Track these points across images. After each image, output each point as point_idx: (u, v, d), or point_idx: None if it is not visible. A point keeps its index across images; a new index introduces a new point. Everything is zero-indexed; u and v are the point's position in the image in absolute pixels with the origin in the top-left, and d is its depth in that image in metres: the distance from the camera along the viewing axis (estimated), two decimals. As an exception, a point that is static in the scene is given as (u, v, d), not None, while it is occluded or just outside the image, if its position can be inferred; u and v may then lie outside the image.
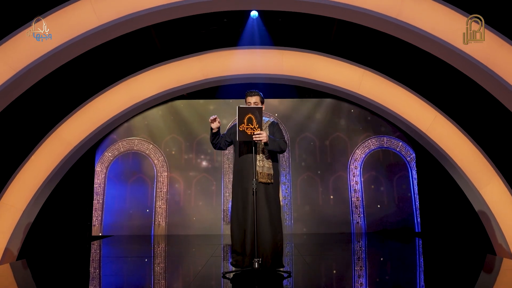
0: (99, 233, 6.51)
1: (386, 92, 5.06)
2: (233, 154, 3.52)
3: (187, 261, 4.26)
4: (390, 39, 4.32)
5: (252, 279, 2.87)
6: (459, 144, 4.91)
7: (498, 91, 3.89)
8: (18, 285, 3.31)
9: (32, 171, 4.75)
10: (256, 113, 2.94)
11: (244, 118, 2.92)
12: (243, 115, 2.92)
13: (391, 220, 6.67)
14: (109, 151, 6.69)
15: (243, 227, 3.15)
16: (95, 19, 3.82)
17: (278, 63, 5.07)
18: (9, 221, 4.69)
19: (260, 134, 2.95)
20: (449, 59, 3.97)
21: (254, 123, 2.92)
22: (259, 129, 2.95)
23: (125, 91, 5.02)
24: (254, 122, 2.92)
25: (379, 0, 3.84)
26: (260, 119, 2.95)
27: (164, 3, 3.81)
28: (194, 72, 5.06)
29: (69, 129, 4.86)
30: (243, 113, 2.93)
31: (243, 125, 2.92)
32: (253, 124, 2.92)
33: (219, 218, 6.61)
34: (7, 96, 3.82)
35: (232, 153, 3.39)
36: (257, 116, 2.93)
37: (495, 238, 4.83)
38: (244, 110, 2.94)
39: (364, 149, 6.85)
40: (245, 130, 2.93)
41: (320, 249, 4.95)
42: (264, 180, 3.12)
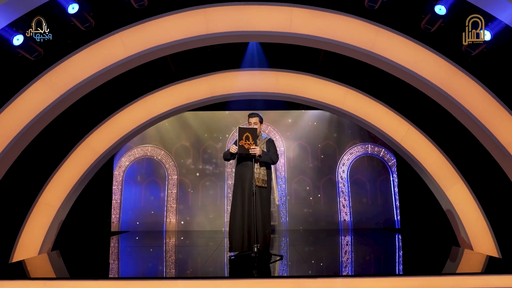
0: (117, 229, 7.27)
1: (366, 107, 5.80)
2: (234, 161, 4.30)
3: (199, 250, 5.02)
4: (369, 64, 5.06)
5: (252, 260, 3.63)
6: (428, 152, 5.63)
7: (455, 110, 4.64)
8: (55, 271, 4.11)
9: (66, 174, 5.47)
10: (252, 132, 3.76)
11: (242, 136, 3.74)
12: (242, 133, 3.75)
13: (374, 218, 7.44)
14: (125, 157, 7.44)
15: (241, 220, 3.90)
16: (123, 51, 4.56)
17: (274, 83, 5.82)
18: (46, 218, 5.39)
19: (255, 148, 3.76)
20: (414, 83, 4.72)
21: (250, 139, 3.71)
22: (254, 145, 3.75)
23: (143, 107, 5.75)
24: (250, 139, 3.72)
25: (357, 36, 4.58)
26: (255, 137, 3.78)
27: (180, 38, 4.56)
28: (202, 90, 5.80)
29: (97, 139, 5.58)
30: (242, 132, 3.76)
31: (241, 141, 3.73)
32: (249, 140, 3.72)
33: (223, 216, 7.37)
34: (51, 115, 4.57)
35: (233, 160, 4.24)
36: (252, 135, 3.76)
37: (459, 232, 5.54)
38: (243, 130, 3.78)
39: (351, 155, 7.63)
40: (243, 145, 3.72)
41: (309, 241, 5.72)
42: (260, 184, 3.89)
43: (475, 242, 5.19)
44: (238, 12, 4.58)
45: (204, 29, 4.58)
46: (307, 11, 4.54)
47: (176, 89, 5.77)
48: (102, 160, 5.80)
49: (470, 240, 5.27)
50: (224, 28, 4.60)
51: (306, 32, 4.59)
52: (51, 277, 3.33)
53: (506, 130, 4.41)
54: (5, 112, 4.29)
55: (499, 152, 4.51)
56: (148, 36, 4.56)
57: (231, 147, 3.97)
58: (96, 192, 6.80)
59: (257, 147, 3.81)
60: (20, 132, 4.38)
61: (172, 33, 4.58)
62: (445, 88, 4.54)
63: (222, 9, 4.56)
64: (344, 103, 5.82)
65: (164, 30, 4.56)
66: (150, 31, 4.55)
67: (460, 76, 4.50)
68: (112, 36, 4.52)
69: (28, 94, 4.38)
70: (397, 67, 4.60)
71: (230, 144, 6.95)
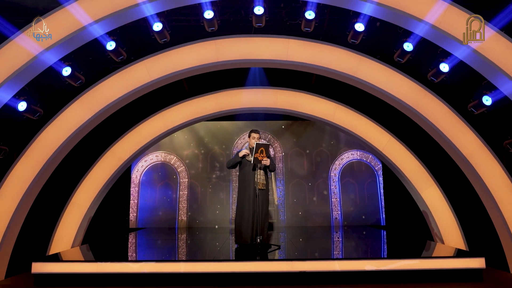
0: (135, 226, 8.06)
1: (353, 120, 6.56)
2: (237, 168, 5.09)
3: (209, 242, 5.82)
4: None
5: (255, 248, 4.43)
6: (406, 159, 6.35)
7: (424, 124, 5.41)
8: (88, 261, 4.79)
9: (94, 178, 6.21)
10: (266, 148, 4.60)
11: (258, 149, 4.56)
12: (258, 148, 4.56)
13: (363, 216, 8.22)
14: (142, 162, 8.24)
15: (247, 217, 4.70)
16: (147, 76, 5.36)
17: (273, 99, 6.60)
18: (77, 216, 6.13)
19: (267, 160, 4.58)
20: (391, 102, 5.49)
21: (264, 153, 4.53)
22: (266, 157, 4.56)
23: (160, 120, 6.52)
24: (264, 153, 4.53)
25: (343, 63, 5.34)
26: (268, 152, 4.59)
27: (194, 65, 5.34)
28: (211, 106, 6.58)
29: (121, 147, 6.34)
30: (258, 147, 4.57)
31: (257, 154, 4.52)
32: (263, 154, 4.53)
33: (228, 214, 8.16)
34: (85, 130, 5.37)
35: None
36: (267, 150, 4.60)
37: (432, 229, 6.29)
38: (259, 145, 4.59)
39: (342, 160, 8.42)
40: (258, 157, 4.53)
41: (304, 236, 6.51)
42: (261, 187, 4.69)
43: (446, 237, 5.88)
44: (243, 43, 5.37)
45: (214, 57, 5.38)
46: (301, 42, 5.33)
47: (188, 105, 6.54)
48: (125, 166, 6.58)
49: (442, 235, 5.99)
50: (231, 56, 5.39)
51: (300, 59, 5.37)
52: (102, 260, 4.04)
53: (466, 142, 5.18)
54: (51, 125, 5.11)
55: (461, 160, 5.28)
56: (167, 63, 5.35)
57: (241, 151, 4.78)
58: (116, 194, 7.56)
59: (268, 159, 4.64)
60: (63, 143, 5.16)
61: (187, 61, 5.37)
62: (415, 106, 5.32)
63: (229, 40, 5.36)
64: (334, 117, 6.59)
65: (180, 58, 5.35)
66: (170, 59, 5.33)
67: (428, 97, 5.28)
68: (138, 63, 5.32)
69: (70, 111, 5.19)
70: (376, 89, 5.38)
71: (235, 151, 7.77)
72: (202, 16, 4.66)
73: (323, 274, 3.86)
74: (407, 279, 3.96)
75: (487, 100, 4.60)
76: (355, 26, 4.66)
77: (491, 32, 4.16)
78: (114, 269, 3.94)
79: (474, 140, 5.15)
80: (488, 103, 4.62)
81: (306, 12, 4.64)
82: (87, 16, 4.24)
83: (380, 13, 4.46)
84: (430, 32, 4.37)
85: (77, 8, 4.21)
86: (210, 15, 4.63)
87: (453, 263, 3.95)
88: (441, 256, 4.22)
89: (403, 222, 7.52)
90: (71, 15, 4.23)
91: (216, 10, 4.75)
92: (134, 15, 4.47)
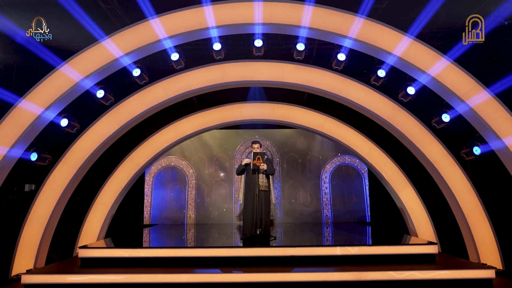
0: (148, 223, 8.91)
1: (340, 130, 7.38)
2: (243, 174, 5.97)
3: (215, 236, 6.67)
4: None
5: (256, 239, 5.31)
6: (386, 164, 7.13)
7: (398, 135, 6.27)
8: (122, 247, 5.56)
9: (116, 180, 7.00)
10: (262, 155, 5.44)
11: (255, 157, 5.40)
12: (255, 156, 5.41)
13: (350, 214, 9.06)
14: (154, 166, 9.08)
15: (252, 213, 5.57)
16: (164, 94, 6.21)
17: (271, 112, 7.41)
18: (102, 213, 6.92)
19: (263, 165, 5.43)
20: (370, 116, 6.35)
21: (261, 160, 5.39)
22: (263, 163, 5.42)
23: (173, 130, 7.32)
24: (261, 159, 5.39)
25: (329, 83, 6.17)
26: (263, 158, 5.44)
27: (204, 86, 6.19)
28: (217, 118, 7.38)
29: (139, 154, 7.14)
30: (255, 155, 5.42)
31: (255, 160, 5.39)
32: (260, 160, 5.39)
33: (231, 212, 9.00)
34: (112, 140, 6.23)
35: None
36: (262, 157, 5.44)
37: (408, 224, 7.12)
38: (256, 154, 5.43)
39: (332, 164, 9.28)
40: (255, 163, 5.39)
41: (296, 230, 7.37)
42: (263, 188, 5.55)
43: (420, 231, 6.66)
44: (245, 67, 6.21)
45: (220, 78, 6.21)
46: (294, 66, 6.16)
47: (197, 117, 7.35)
48: (142, 170, 7.43)
49: (416, 230, 6.76)
50: (235, 78, 6.23)
51: (294, 81, 6.19)
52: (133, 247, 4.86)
53: (432, 150, 6.04)
54: (84, 136, 5.98)
55: (429, 166, 6.14)
56: (181, 83, 6.19)
57: (243, 160, 5.66)
58: (132, 194, 8.36)
59: (264, 164, 5.49)
60: (93, 151, 6.03)
61: (198, 81, 6.21)
62: (390, 120, 6.17)
63: (233, 64, 6.20)
64: (323, 127, 7.41)
65: (192, 79, 6.19)
66: (183, 80, 6.18)
67: (401, 112, 6.15)
68: (157, 84, 6.19)
69: (100, 124, 6.07)
70: (358, 106, 6.24)
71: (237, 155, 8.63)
72: (211, 48, 5.49)
73: (308, 258, 4.72)
74: (374, 262, 4.73)
75: (446, 118, 5.46)
76: (337, 56, 5.50)
77: (446, 63, 5.04)
78: (142, 254, 4.80)
79: (439, 149, 6.02)
80: (447, 120, 5.48)
81: (297, 44, 5.48)
82: (118, 50, 5.11)
83: (357, 46, 5.33)
84: (398, 62, 5.26)
85: (110, 43, 5.08)
86: (218, 47, 5.47)
87: (412, 249, 4.83)
88: (405, 243, 5.11)
89: (386, 219, 8.30)
90: (105, 49, 5.11)
91: (222, 42, 5.57)
92: (156, 48, 5.34)
